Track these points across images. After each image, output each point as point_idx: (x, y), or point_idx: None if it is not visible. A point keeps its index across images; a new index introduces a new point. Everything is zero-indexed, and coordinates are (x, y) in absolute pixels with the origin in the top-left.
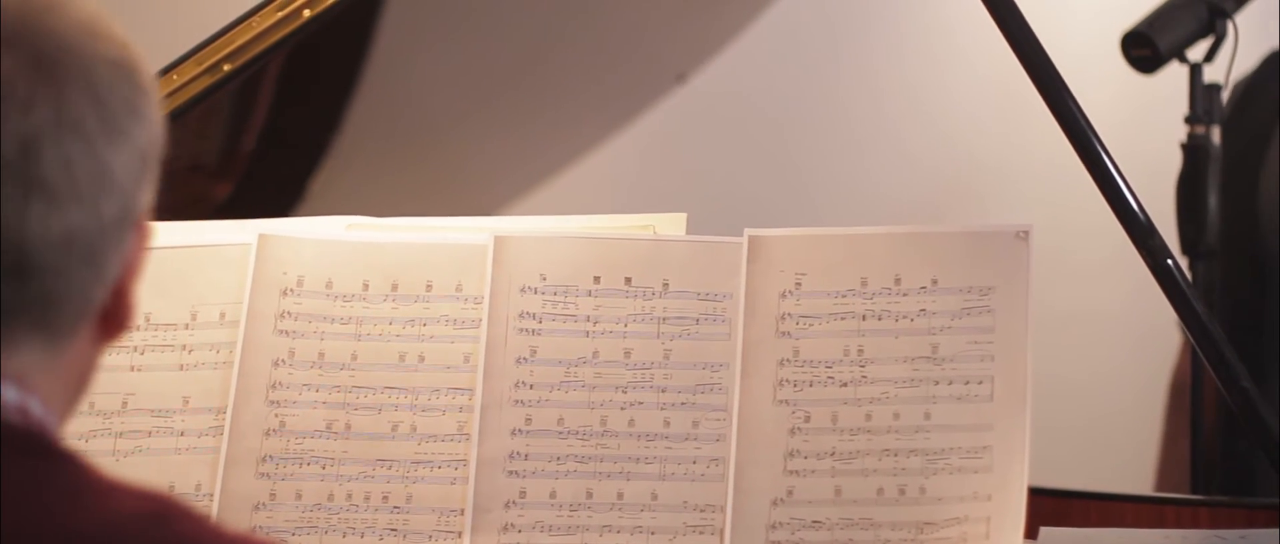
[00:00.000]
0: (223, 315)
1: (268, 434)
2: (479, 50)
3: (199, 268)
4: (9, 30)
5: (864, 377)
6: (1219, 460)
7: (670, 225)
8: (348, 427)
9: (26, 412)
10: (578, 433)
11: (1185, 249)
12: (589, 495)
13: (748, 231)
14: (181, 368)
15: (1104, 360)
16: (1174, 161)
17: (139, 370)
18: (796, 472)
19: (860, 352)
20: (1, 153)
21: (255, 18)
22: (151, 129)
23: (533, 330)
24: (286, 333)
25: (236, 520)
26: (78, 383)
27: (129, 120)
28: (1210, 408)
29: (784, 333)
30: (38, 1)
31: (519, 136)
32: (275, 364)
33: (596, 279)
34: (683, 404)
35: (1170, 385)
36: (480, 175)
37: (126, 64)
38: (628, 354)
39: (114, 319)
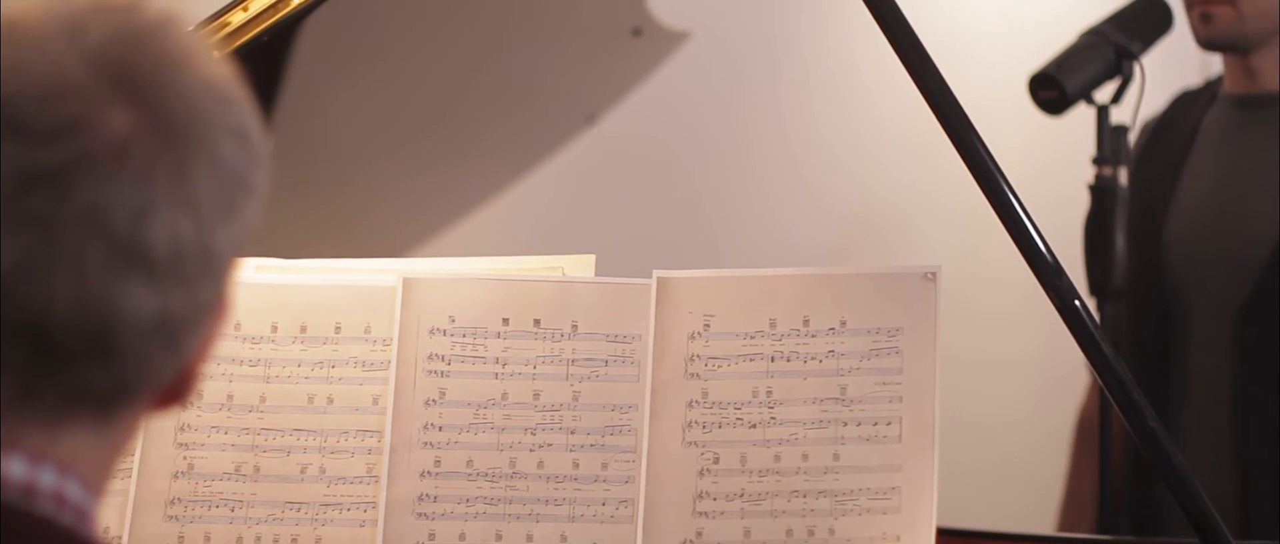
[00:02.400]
0: None
1: (176, 477)
2: (388, 92)
3: None
4: (138, 82)
5: (773, 418)
6: (1127, 501)
7: (579, 267)
8: (256, 469)
9: (63, 498)
10: (487, 475)
11: (1093, 290)
12: (498, 537)
13: (656, 273)
14: None
15: (1012, 401)
16: (1082, 203)
17: None
18: (706, 513)
19: (769, 393)
20: (111, 219)
21: None
22: (259, 203)
23: (442, 372)
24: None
25: None
26: (121, 449)
27: (242, 198)
28: (1118, 449)
29: (693, 374)
30: (171, 52)
31: (428, 178)
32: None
33: (505, 321)
34: (592, 446)
35: (1078, 426)
36: (389, 217)
37: (248, 134)
38: (537, 396)
39: (175, 393)
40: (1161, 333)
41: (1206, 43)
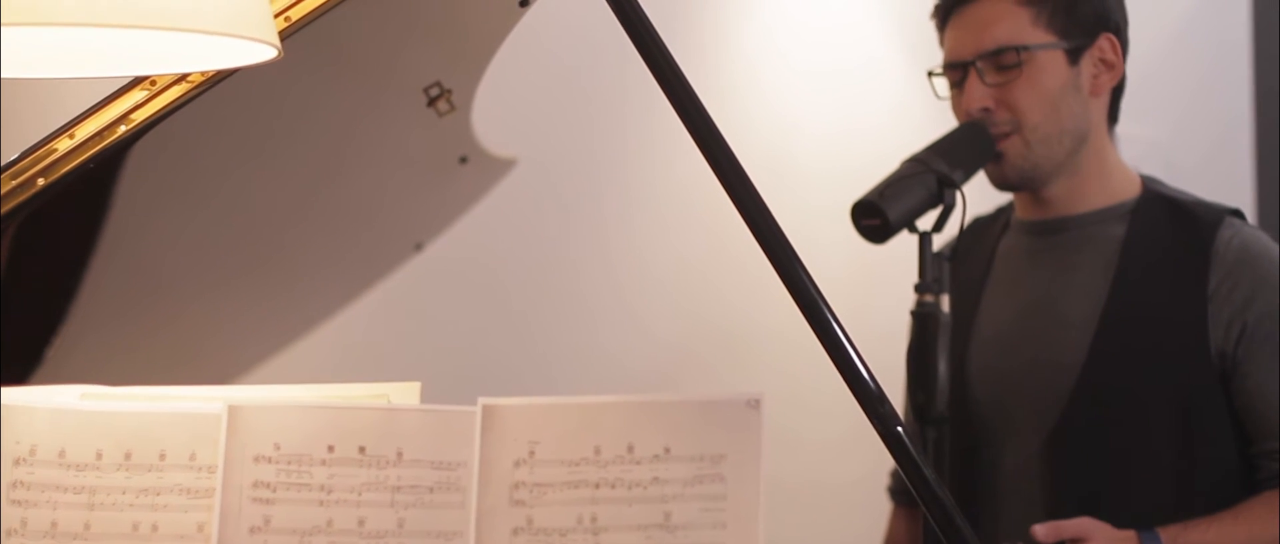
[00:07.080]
0: None
1: None
2: (216, 221)
3: None
4: None
5: None
6: None
7: (404, 394)
8: None
9: None
10: None
11: (917, 416)
12: None
13: (481, 401)
14: None
15: (837, 528)
16: (905, 329)
17: None
18: None
19: (593, 520)
20: None
21: None
22: None
23: (267, 500)
24: (19, 502)
25: None
26: None
27: None
28: None
29: (518, 501)
30: None
31: (255, 307)
32: (8, 533)
33: (330, 448)
34: None
35: None
36: (216, 345)
37: None
38: (362, 523)
39: None
40: (971, 464)
41: (1000, 182)
